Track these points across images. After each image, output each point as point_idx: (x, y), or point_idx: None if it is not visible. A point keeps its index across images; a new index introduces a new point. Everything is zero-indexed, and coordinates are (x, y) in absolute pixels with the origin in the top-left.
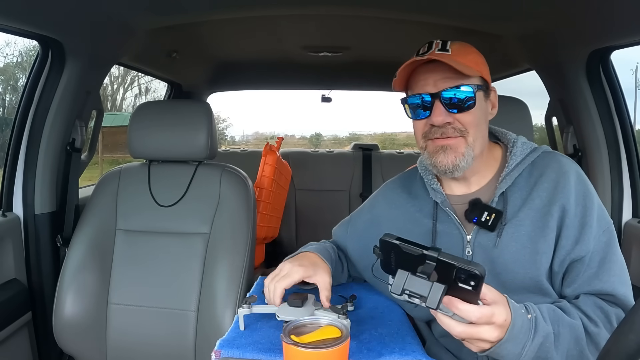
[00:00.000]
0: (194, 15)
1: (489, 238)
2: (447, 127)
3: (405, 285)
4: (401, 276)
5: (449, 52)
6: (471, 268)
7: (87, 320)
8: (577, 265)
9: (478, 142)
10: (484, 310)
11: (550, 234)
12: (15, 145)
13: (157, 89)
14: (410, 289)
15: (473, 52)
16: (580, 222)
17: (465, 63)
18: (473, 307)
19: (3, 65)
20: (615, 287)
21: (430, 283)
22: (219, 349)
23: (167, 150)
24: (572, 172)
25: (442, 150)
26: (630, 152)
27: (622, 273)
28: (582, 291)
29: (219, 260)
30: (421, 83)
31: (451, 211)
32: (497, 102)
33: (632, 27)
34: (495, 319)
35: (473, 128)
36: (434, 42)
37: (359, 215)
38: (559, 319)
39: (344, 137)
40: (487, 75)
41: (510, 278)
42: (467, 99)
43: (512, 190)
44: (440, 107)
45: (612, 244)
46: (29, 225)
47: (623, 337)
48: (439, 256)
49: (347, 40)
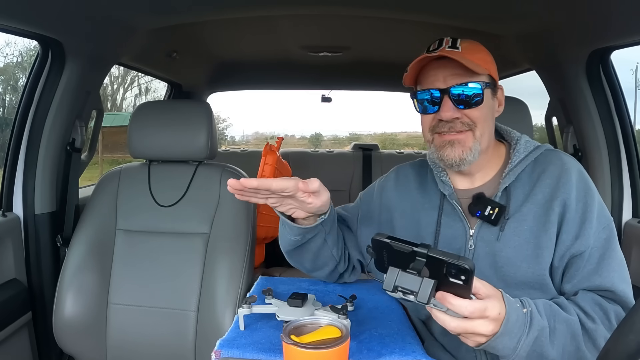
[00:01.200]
0: (194, 15)
1: (491, 232)
2: (455, 122)
3: (397, 282)
4: (392, 273)
5: (459, 49)
6: (460, 262)
7: (87, 320)
8: (576, 260)
9: (485, 137)
10: (476, 304)
11: (551, 228)
12: (15, 145)
13: (157, 89)
14: (402, 285)
15: (482, 51)
16: (581, 218)
17: (475, 61)
18: (466, 301)
19: (3, 65)
20: (614, 282)
21: (420, 279)
22: (219, 349)
23: (167, 150)
24: (574, 169)
25: (450, 144)
26: (630, 152)
27: (621, 269)
28: (582, 287)
29: (219, 260)
30: (431, 79)
31: (457, 204)
32: (503, 100)
33: (632, 27)
34: (488, 313)
35: (481, 123)
36: (444, 39)
37: (369, 197)
38: (555, 314)
39: (344, 137)
40: (495, 74)
41: (512, 272)
42: (474, 95)
43: (515, 186)
44: (448, 103)
45: (612, 240)
46: (29, 225)
47: (623, 337)
48: (429, 252)
49: (347, 40)
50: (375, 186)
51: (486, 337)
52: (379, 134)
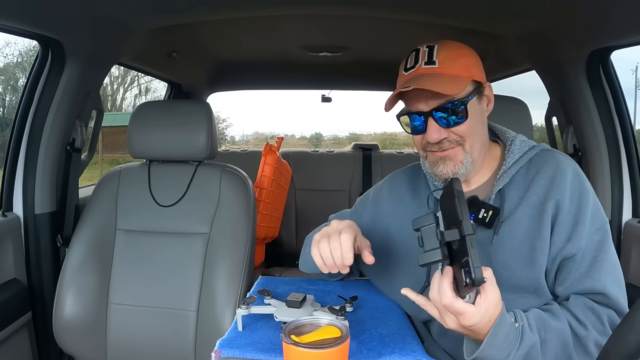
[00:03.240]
0: (194, 15)
1: (485, 235)
2: (443, 142)
3: (424, 227)
4: (429, 219)
5: (436, 64)
6: (475, 270)
7: (87, 320)
8: (568, 263)
9: (476, 147)
10: (456, 304)
11: (545, 231)
12: (15, 145)
13: (157, 89)
14: (423, 234)
15: (462, 55)
16: (574, 219)
17: (455, 72)
18: (450, 293)
19: (3, 65)
20: (606, 285)
21: (438, 245)
22: (219, 349)
23: (167, 150)
24: (569, 169)
25: (442, 160)
26: (630, 152)
27: (614, 272)
28: (574, 290)
29: (219, 260)
30: (413, 101)
31: None
32: (492, 96)
33: (632, 27)
34: (461, 318)
35: (469, 136)
36: (420, 50)
37: (364, 207)
38: (545, 325)
39: (344, 137)
40: (480, 75)
41: (507, 276)
42: (459, 113)
43: (509, 188)
44: (434, 125)
45: (606, 242)
46: (29, 225)
47: (623, 337)
48: (466, 236)
49: (347, 40)
50: (370, 196)
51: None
52: (379, 134)
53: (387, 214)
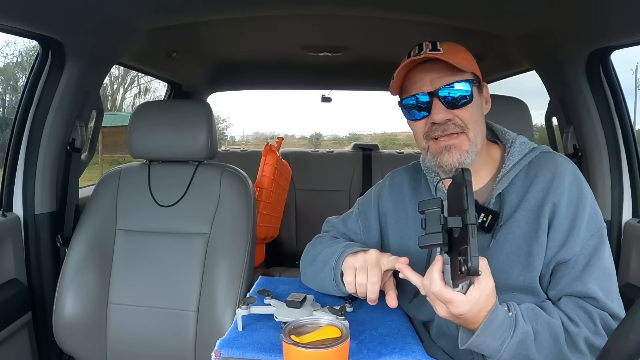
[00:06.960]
0: (194, 15)
1: (483, 239)
2: (447, 124)
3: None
4: (436, 203)
5: (441, 51)
6: (472, 259)
7: (87, 320)
8: (562, 267)
9: (479, 137)
10: (444, 292)
11: (542, 235)
12: (15, 145)
13: (157, 89)
14: (427, 217)
15: (463, 51)
16: (570, 224)
17: (458, 61)
18: (439, 281)
19: (3, 65)
20: (595, 290)
21: (440, 230)
22: (219, 349)
23: (167, 150)
24: (568, 172)
25: (447, 150)
26: (630, 152)
27: (604, 277)
28: (564, 293)
29: (219, 260)
30: (417, 84)
31: None
32: (489, 98)
33: (632, 27)
34: (450, 307)
35: (472, 124)
36: (423, 44)
37: (368, 207)
38: (537, 317)
39: (344, 137)
40: (478, 72)
41: (503, 279)
42: (463, 95)
43: (508, 191)
44: (439, 105)
45: (601, 247)
46: (29, 225)
47: (623, 337)
48: (468, 225)
49: (347, 40)
50: (372, 195)
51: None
52: (379, 134)
53: (388, 212)
